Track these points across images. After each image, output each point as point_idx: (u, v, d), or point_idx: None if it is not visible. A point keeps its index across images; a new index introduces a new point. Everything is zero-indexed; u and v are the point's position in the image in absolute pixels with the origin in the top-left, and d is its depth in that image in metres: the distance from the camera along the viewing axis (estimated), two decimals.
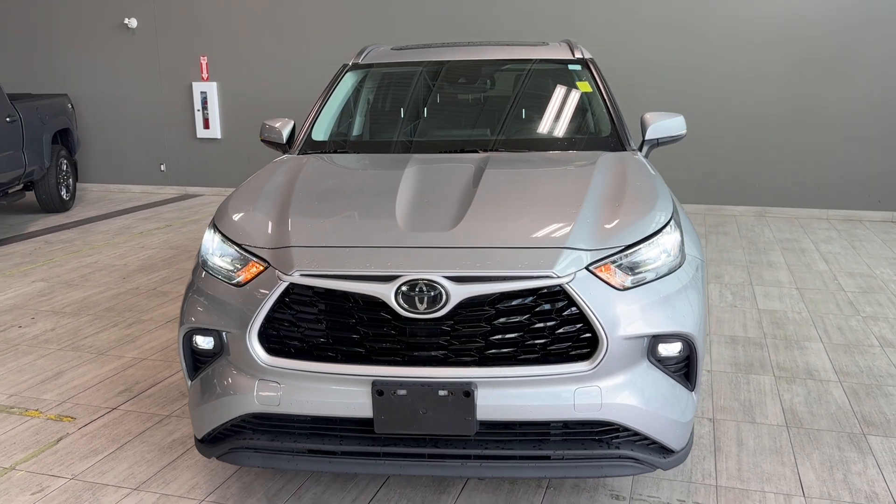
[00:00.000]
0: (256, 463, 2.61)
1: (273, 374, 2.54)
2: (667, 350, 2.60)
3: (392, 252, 2.49)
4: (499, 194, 2.87)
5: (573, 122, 3.97)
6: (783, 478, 3.07)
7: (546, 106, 4.04)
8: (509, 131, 3.94)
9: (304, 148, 3.84)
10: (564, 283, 2.41)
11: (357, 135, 4.18)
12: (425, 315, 2.41)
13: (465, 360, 2.46)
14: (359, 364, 2.47)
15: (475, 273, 2.41)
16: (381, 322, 2.46)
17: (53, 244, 7.39)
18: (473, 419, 2.44)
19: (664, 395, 2.58)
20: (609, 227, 2.64)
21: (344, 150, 3.85)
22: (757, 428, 3.49)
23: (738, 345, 4.52)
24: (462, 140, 3.87)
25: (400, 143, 3.89)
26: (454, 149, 3.70)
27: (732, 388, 3.92)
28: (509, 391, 2.45)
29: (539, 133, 3.88)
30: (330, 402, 2.49)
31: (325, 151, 3.83)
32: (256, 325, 2.51)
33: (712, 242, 7.20)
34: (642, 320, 2.49)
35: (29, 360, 4.42)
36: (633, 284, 2.54)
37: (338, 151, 3.84)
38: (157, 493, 3.02)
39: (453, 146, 3.75)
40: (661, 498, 2.93)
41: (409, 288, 2.40)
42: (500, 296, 2.43)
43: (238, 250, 2.68)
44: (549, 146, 3.73)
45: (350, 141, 4.06)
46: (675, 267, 2.67)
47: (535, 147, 3.72)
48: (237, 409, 2.58)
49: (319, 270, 2.46)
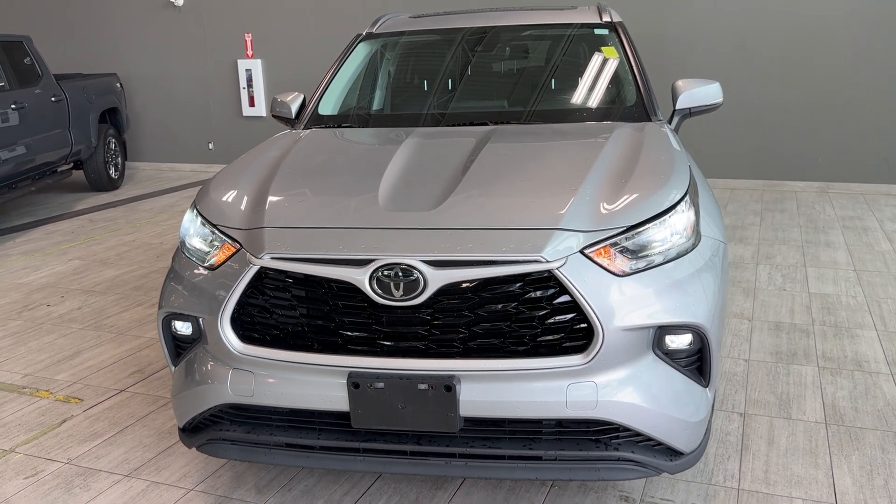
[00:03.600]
0: (233, 455, 2.49)
1: (247, 364, 2.39)
2: (675, 342, 2.35)
3: (367, 234, 2.30)
4: (494, 171, 2.64)
5: (595, 91, 3.68)
6: (815, 482, 2.79)
7: (567, 74, 3.76)
8: (524, 102, 3.68)
9: (310, 123, 3.67)
10: (555, 269, 2.18)
11: (364, 108, 3.97)
12: (402, 302, 2.22)
13: (447, 351, 2.26)
14: (334, 354, 2.30)
15: (455, 257, 2.20)
16: (356, 310, 2.28)
17: (96, 222, 7.47)
18: (456, 415, 2.25)
19: (672, 391, 2.33)
20: (611, 206, 2.38)
21: (348, 125, 3.66)
22: (792, 425, 3.19)
23: (783, 332, 4.19)
24: (472, 112, 3.63)
25: (406, 117, 3.68)
26: (462, 121, 3.47)
27: (770, 379, 3.61)
28: (495, 386, 2.24)
29: (556, 103, 3.61)
30: (304, 393, 2.34)
31: (331, 126, 3.65)
32: (228, 310, 2.36)
33: (767, 220, 6.78)
34: (644, 309, 2.25)
35: (50, 339, 4.42)
36: (636, 269, 2.29)
37: (342, 126, 3.65)
38: (148, 480, 2.93)
39: (462, 119, 3.51)
40: (674, 501, 2.69)
41: (384, 273, 2.21)
42: (483, 282, 2.21)
43: (213, 231, 2.54)
44: (566, 117, 3.46)
45: (355, 115, 3.86)
46: (687, 250, 2.40)
47: (551, 119, 3.45)
48: (212, 398, 2.45)
49: (290, 253, 2.29)
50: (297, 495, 2.80)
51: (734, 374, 3.67)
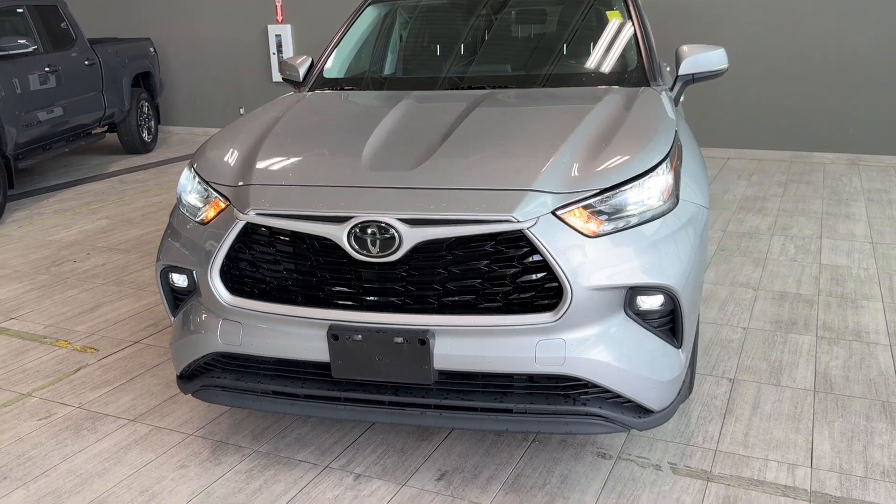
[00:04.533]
0: (224, 401, 2.63)
1: (235, 315, 2.51)
2: (647, 303, 2.40)
3: (346, 192, 2.39)
4: (477, 134, 2.70)
5: (595, 55, 3.68)
6: (793, 446, 2.83)
7: (569, 38, 3.76)
8: (524, 66, 3.71)
9: (315, 85, 3.75)
10: (525, 229, 2.24)
11: (367, 71, 4.03)
12: (379, 259, 2.31)
13: (422, 307, 2.35)
14: (316, 308, 2.40)
15: (430, 215, 2.27)
16: (336, 265, 2.38)
17: (127, 184, 7.70)
18: (430, 368, 2.34)
19: (642, 351, 2.39)
20: (587, 168, 2.43)
21: (351, 87, 3.73)
22: (779, 391, 3.22)
23: (786, 301, 4.19)
24: (470, 76, 3.67)
25: (406, 80, 3.73)
26: (460, 85, 3.52)
27: (765, 347, 3.64)
28: (467, 341, 2.33)
29: (556, 68, 3.62)
30: (288, 344, 2.45)
31: (334, 88, 3.72)
32: (217, 264, 2.48)
33: (790, 192, 6.70)
34: (614, 270, 2.30)
35: (74, 293, 4.63)
36: (608, 231, 2.34)
37: (345, 89, 3.72)
38: (151, 425, 3.10)
39: (460, 83, 3.56)
40: (650, 459, 2.76)
41: (361, 230, 2.30)
42: (456, 240, 2.29)
43: (206, 188, 2.65)
44: (564, 82, 3.48)
45: (358, 78, 3.92)
46: (664, 212, 2.44)
47: (549, 83, 3.48)
48: (203, 347, 2.58)
49: (274, 210, 2.39)
50: (289, 442, 2.93)
51: (729, 342, 3.70)
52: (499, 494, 2.60)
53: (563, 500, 2.56)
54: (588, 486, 2.62)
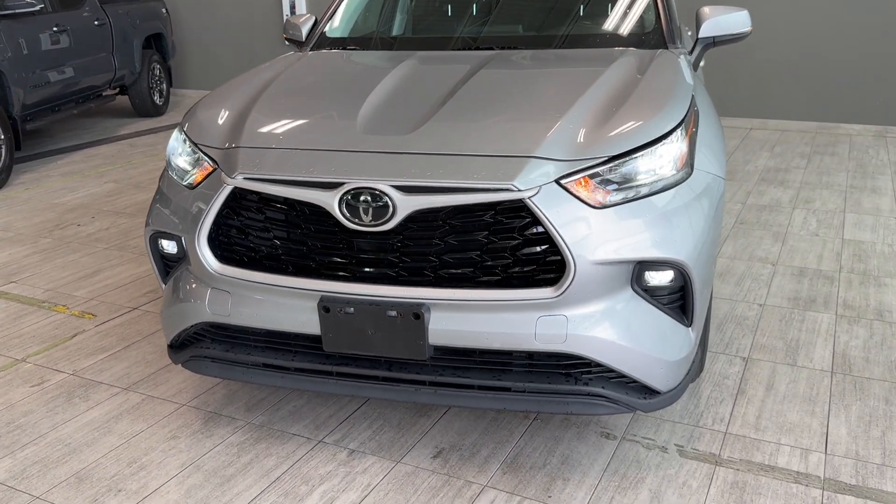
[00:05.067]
0: (213, 373, 2.54)
1: (224, 284, 2.41)
2: (655, 279, 2.27)
3: (339, 156, 2.26)
4: (479, 97, 2.55)
5: (611, 15, 3.49)
6: (807, 430, 2.70)
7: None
8: (534, 27, 3.53)
9: (317, 45, 3.60)
10: (527, 198, 2.11)
11: (370, 31, 3.86)
12: (372, 228, 2.19)
13: (417, 279, 2.23)
14: (306, 278, 2.29)
15: (425, 183, 2.14)
16: (327, 234, 2.26)
17: (136, 147, 7.61)
18: (425, 343, 2.23)
19: (649, 329, 2.27)
20: (596, 134, 2.28)
21: (354, 48, 3.58)
22: (795, 372, 3.09)
23: (806, 278, 4.03)
24: (477, 36, 3.49)
25: (411, 40, 3.57)
26: (467, 46, 3.35)
27: (782, 325, 3.49)
28: (464, 315, 2.21)
29: (568, 28, 3.44)
30: (278, 315, 2.35)
31: (336, 48, 3.57)
32: (205, 230, 2.37)
33: (814, 164, 6.47)
34: (621, 243, 2.17)
35: (76, 257, 4.56)
36: (616, 201, 2.20)
37: (348, 49, 3.57)
38: (144, 394, 3.03)
39: (467, 43, 3.39)
40: (656, 441, 2.65)
41: (353, 197, 2.18)
42: (453, 210, 2.16)
43: (195, 150, 2.53)
44: (576, 43, 3.30)
45: (362, 38, 3.75)
46: (677, 182, 2.29)
47: (560, 44, 3.30)
48: (192, 317, 2.49)
49: (263, 174, 2.27)
50: (284, 415, 2.85)
51: (745, 319, 3.56)
52: (496, 474, 2.50)
53: (563, 481, 2.46)
54: (590, 468, 2.52)
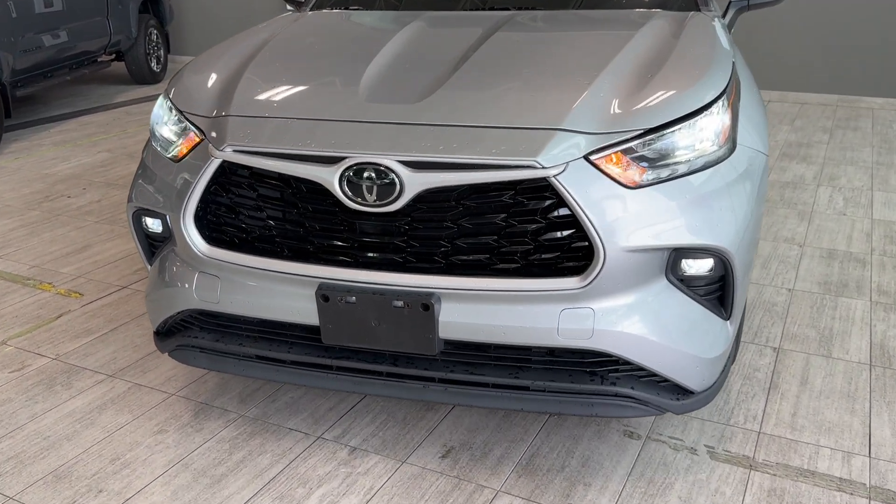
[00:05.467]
0: (202, 364, 2.32)
1: (213, 268, 2.18)
2: (693, 267, 2.04)
3: (339, 127, 2.01)
4: (495, 62, 2.29)
5: None
6: (848, 430, 2.49)
7: None
8: None
9: (317, 5, 3.33)
10: (552, 177, 1.87)
11: None
12: (376, 208, 1.95)
13: (427, 266, 2.00)
14: (303, 263, 2.06)
15: (437, 158, 1.90)
16: (326, 214, 2.03)
17: (133, 115, 7.34)
18: (435, 337, 2.01)
19: (684, 322, 2.04)
20: (629, 104, 2.03)
21: (358, 7, 3.30)
22: (831, 364, 2.87)
23: (836, 260, 3.79)
24: None
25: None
26: (479, 5, 3.08)
27: (814, 312, 3.26)
28: (478, 307, 1.98)
29: None
30: (272, 304, 2.12)
31: (340, 8, 3.29)
32: (191, 208, 2.14)
33: (837, 138, 6.20)
34: (658, 228, 1.93)
35: (64, 231, 4.33)
36: (652, 181, 1.96)
37: (350, 8, 3.29)
38: (131, 382, 2.82)
39: (479, 2, 3.12)
40: (684, 441, 2.43)
41: (355, 173, 1.94)
42: (468, 189, 1.92)
43: (180, 119, 2.29)
44: (600, 3, 3.03)
45: None
46: (719, 159, 2.05)
47: (582, 4, 3.03)
48: (178, 303, 2.27)
49: (254, 147, 2.03)
50: (280, 407, 2.64)
51: (773, 305, 3.33)
52: (510, 477, 2.29)
53: (585, 486, 2.25)
54: (613, 471, 2.31)
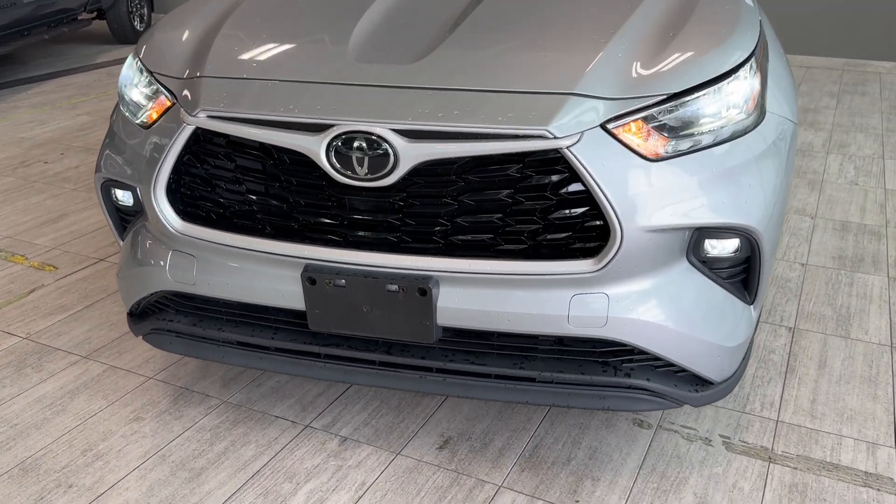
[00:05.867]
0: (179, 350, 2.14)
1: (188, 246, 1.99)
2: (717, 248, 1.86)
3: (326, 91, 1.80)
4: (500, 19, 2.07)
5: None
6: (871, 418, 2.33)
7: None
8: None
9: None
10: (565, 148, 1.67)
11: None
12: (368, 183, 1.76)
13: (424, 247, 1.81)
14: (288, 242, 1.87)
15: (435, 127, 1.70)
16: (312, 188, 1.83)
17: (114, 76, 7.04)
18: (432, 324, 1.83)
19: (706, 308, 1.87)
20: (650, 66, 1.83)
21: None
22: (850, 345, 2.71)
23: (850, 233, 3.62)
24: None
25: None
26: None
27: (829, 289, 3.10)
28: (481, 292, 1.80)
29: None
30: (253, 286, 1.93)
31: None
32: (162, 180, 1.93)
33: (845, 104, 6.00)
34: (681, 206, 1.74)
35: (39, 199, 4.11)
36: (675, 152, 1.76)
37: None
38: (106, 364, 2.64)
39: None
40: (698, 431, 2.28)
41: (344, 143, 1.73)
42: (471, 161, 1.73)
43: (150, 80, 2.07)
44: None
45: None
46: (746, 129, 1.86)
47: None
48: (152, 283, 2.08)
49: (230, 112, 1.82)
50: (265, 392, 2.47)
51: (787, 281, 3.16)
52: (513, 471, 2.13)
53: (593, 481, 2.10)
54: (623, 464, 2.15)
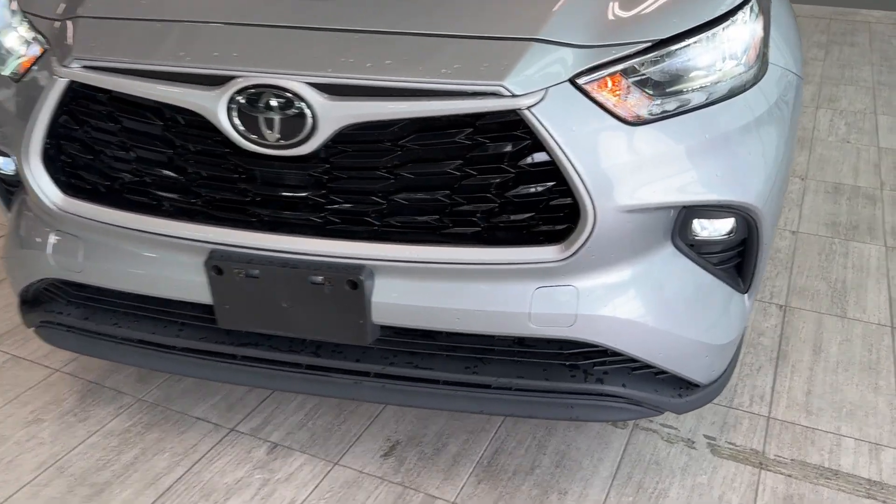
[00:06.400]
0: (71, 346, 1.81)
1: (72, 225, 1.64)
2: (709, 229, 1.55)
3: (225, 33, 1.44)
4: None
5: None
6: (873, 413, 2.07)
7: None
8: None
9: None
10: (525, 108, 1.33)
11: None
12: (282, 151, 1.41)
13: (354, 230, 1.48)
14: (186, 222, 1.53)
15: (364, 80, 1.35)
16: (214, 157, 1.48)
17: None
18: (367, 323, 1.51)
19: (693, 300, 1.57)
20: (630, 6, 1.48)
21: None
22: (847, 326, 2.44)
23: (842, 196, 3.34)
24: None
25: None
26: None
27: (822, 260, 2.82)
28: (424, 285, 1.48)
29: None
30: (149, 275, 1.60)
31: None
32: (36, 145, 1.57)
33: (833, 55, 5.68)
34: (667, 179, 1.43)
35: None
36: (661, 114, 1.44)
37: None
38: (7, 353, 2.30)
39: None
40: (679, 431, 2.00)
41: (249, 101, 1.38)
42: (409, 125, 1.38)
43: (21, 19, 1.69)
44: None
45: None
46: (746, 84, 1.53)
47: None
48: (35, 269, 1.73)
49: (108, 61, 1.46)
50: (187, 388, 2.15)
51: (777, 251, 2.88)
52: (468, 483, 1.84)
53: (560, 495, 1.82)
54: (594, 473, 1.87)
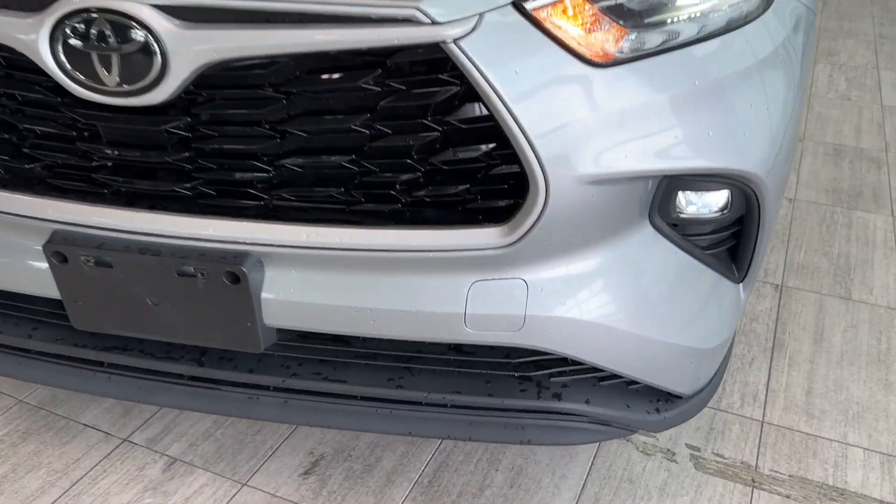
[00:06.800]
0: None
1: None
2: (697, 205, 1.21)
3: None
4: None
5: None
6: (883, 415, 1.77)
7: None
8: None
9: None
10: (450, 42, 0.97)
11: None
12: (126, 98, 1.05)
13: (234, 205, 1.13)
14: (17, 192, 1.17)
15: (228, 2, 0.98)
16: (44, 108, 1.12)
17: None
18: (256, 325, 1.17)
19: (676, 294, 1.24)
20: None
21: None
22: (851, 309, 2.13)
23: (844, 159, 3.01)
24: None
25: None
26: None
27: (822, 231, 2.51)
28: (327, 278, 1.14)
29: None
30: None
31: None
32: None
33: (831, 6, 5.33)
34: (643, 140, 1.08)
35: None
36: (635, 52, 1.08)
37: None
38: None
39: None
40: (658, 440, 1.70)
41: (76, 31, 1.01)
42: (295, 64, 1.02)
43: None
44: None
45: None
46: (747, 16, 1.18)
47: None
48: None
49: None
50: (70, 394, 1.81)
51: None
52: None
53: None
54: (555, 494, 1.56)
